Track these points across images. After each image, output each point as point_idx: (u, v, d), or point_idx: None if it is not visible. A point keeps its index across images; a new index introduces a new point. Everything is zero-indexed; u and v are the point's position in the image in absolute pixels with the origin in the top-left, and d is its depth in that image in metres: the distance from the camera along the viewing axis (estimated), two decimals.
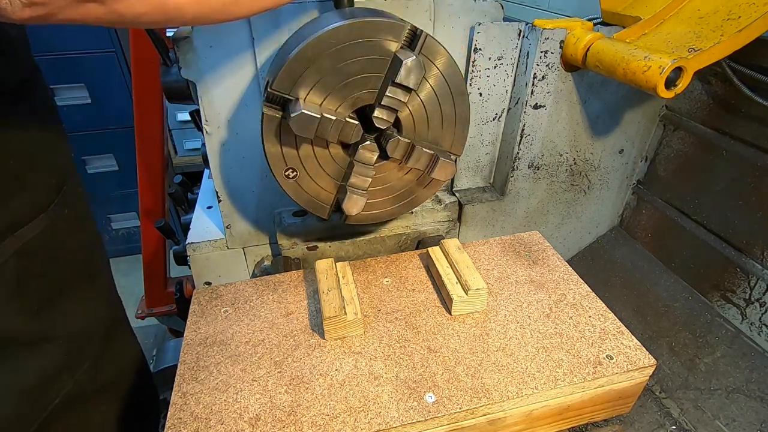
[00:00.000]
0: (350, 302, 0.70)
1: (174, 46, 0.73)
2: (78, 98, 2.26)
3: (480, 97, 0.92)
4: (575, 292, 0.77)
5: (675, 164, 1.07)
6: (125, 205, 2.65)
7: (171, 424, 0.58)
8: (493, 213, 1.04)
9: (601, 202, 1.16)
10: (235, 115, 0.81)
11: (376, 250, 0.96)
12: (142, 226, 1.60)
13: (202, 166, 1.28)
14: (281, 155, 0.69)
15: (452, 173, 0.74)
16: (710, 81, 0.97)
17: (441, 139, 0.74)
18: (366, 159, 0.71)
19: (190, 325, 0.72)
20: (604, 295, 0.81)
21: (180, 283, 1.50)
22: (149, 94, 1.36)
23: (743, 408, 0.84)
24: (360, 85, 0.65)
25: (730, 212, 0.96)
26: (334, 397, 0.61)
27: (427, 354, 0.67)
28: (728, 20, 0.73)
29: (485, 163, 1.03)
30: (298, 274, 0.82)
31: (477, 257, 0.85)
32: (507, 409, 0.62)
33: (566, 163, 1.04)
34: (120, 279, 3.13)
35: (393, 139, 0.69)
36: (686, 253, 1.05)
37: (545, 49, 0.85)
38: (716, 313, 0.98)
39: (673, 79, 0.69)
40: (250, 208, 0.94)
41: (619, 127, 1.03)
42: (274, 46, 0.75)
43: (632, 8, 0.87)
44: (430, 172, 0.73)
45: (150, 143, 1.46)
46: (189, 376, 0.64)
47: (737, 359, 0.90)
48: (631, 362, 0.65)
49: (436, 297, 0.77)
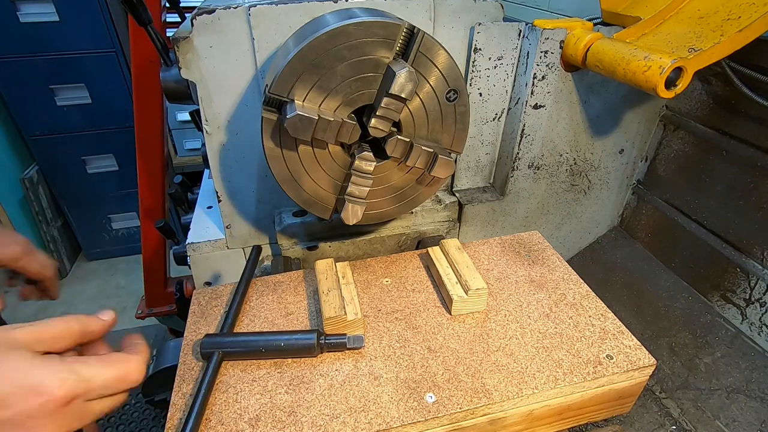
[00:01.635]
0: (350, 302, 0.70)
1: (174, 46, 0.73)
2: (78, 98, 2.26)
3: (480, 97, 0.92)
4: (575, 292, 0.77)
5: (675, 164, 1.07)
6: (125, 205, 2.65)
7: (171, 424, 0.58)
8: (493, 213, 1.04)
9: (601, 202, 1.16)
10: (234, 115, 0.81)
11: (376, 250, 0.96)
12: (142, 226, 1.60)
13: (202, 166, 1.28)
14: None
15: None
16: (710, 81, 0.97)
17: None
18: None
19: (190, 325, 0.72)
20: (604, 295, 0.81)
21: (180, 283, 1.50)
22: (149, 94, 1.36)
23: (743, 408, 0.84)
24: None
25: (730, 212, 0.96)
26: (334, 398, 0.61)
27: (427, 354, 0.67)
28: (728, 20, 0.73)
29: (485, 163, 1.03)
30: (298, 274, 0.82)
31: (477, 257, 0.85)
32: (507, 409, 0.62)
33: (566, 163, 1.04)
34: (120, 279, 3.12)
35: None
36: (686, 253, 1.05)
37: (545, 49, 0.85)
38: (716, 313, 0.98)
39: (673, 79, 0.69)
40: (250, 208, 0.94)
41: (619, 127, 1.03)
42: (274, 46, 0.75)
43: (632, 8, 0.87)
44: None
45: (150, 143, 1.46)
46: (189, 377, 0.64)
47: (737, 359, 0.90)
48: (631, 362, 0.65)
49: (436, 297, 0.77)
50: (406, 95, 0.63)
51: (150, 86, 1.35)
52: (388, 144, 0.70)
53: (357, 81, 0.65)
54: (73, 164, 2.43)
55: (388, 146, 0.70)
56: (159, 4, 1.25)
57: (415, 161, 0.72)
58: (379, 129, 0.67)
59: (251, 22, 0.72)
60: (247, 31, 0.74)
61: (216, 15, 0.71)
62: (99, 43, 2.18)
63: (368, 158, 0.71)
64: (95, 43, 2.17)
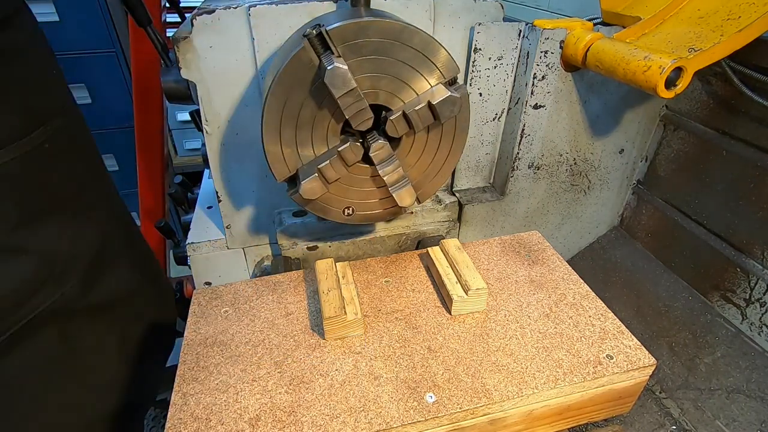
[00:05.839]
0: (350, 302, 0.70)
1: (174, 46, 0.73)
2: (78, 98, 2.26)
3: (480, 97, 0.92)
4: (575, 292, 0.77)
5: (675, 164, 1.07)
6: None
7: (171, 424, 0.58)
8: (493, 213, 1.04)
9: (601, 202, 1.16)
10: (234, 115, 0.81)
11: (376, 250, 0.96)
12: (142, 226, 1.60)
13: (202, 166, 1.28)
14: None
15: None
16: (710, 81, 0.97)
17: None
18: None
19: (190, 325, 0.72)
20: (604, 295, 0.81)
21: (180, 283, 1.50)
22: (149, 94, 1.36)
23: (743, 408, 0.84)
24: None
25: (730, 212, 0.96)
26: (334, 397, 0.61)
27: (427, 354, 0.67)
28: (728, 20, 0.73)
29: (485, 163, 1.03)
30: (298, 274, 0.82)
31: (477, 257, 0.85)
32: (507, 409, 0.62)
33: (566, 163, 1.04)
34: None
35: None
36: (686, 253, 1.05)
37: (545, 49, 0.85)
38: (716, 313, 0.98)
39: (673, 79, 0.69)
40: (250, 208, 0.93)
41: (619, 127, 1.03)
42: (274, 46, 0.75)
43: (632, 8, 0.87)
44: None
45: (150, 143, 1.46)
46: (189, 377, 0.64)
47: (737, 359, 0.90)
48: (631, 362, 0.65)
49: (436, 297, 0.77)
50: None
51: (150, 86, 1.35)
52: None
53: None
54: None
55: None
56: (159, 4, 1.26)
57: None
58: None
59: (251, 22, 0.72)
60: (247, 31, 0.74)
61: (216, 15, 0.71)
62: (99, 43, 2.17)
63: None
64: (95, 43, 2.17)
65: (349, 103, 0.62)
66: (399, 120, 0.66)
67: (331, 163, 0.67)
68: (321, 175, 0.67)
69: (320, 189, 0.68)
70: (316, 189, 0.68)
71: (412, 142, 0.72)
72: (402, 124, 0.66)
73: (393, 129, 0.67)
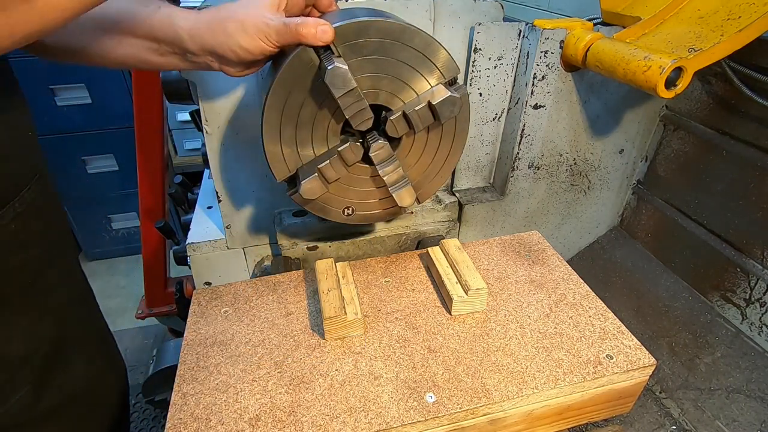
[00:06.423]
0: (350, 302, 0.70)
1: None
2: (78, 98, 2.26)
3: (480, 97, 0.92)
4: (575, 292, 0.77)
5: (675, 164, 1.07)
6: (125, 205, 2.65)
7: (171, 424, 0.58)
8: (493, 213, 1.04)
9: (601, 202, 1.16)
10: (234, 115, 0.81)
11: (376, 250, 0.96)
12: (142, 226, 1.60)
13: (202, 166, 1.28)
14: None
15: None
16: (710, 81, 0.97)
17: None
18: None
19: (190, 325, 0.72)
20: (604, 295, 0.81)
21: (180, 283, 1.50)
22: (149, 94, 1.36)
23: (743, 408, 0.84)
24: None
25: (730, 212, 0.96)
26: (334, 397, 0.61)
27: (427, 354, 0.67)
28: (728, 20, 0.73)
29: (485, 163, 1.03)
30: (298, 274, 0.82)
31: (477, 257, 0.85)
32: (507, 409, 0.62)
33: (566, 163, 1.04)
34: (120, 279, 3.12)
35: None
36: (686, 253, 1.05)
37: (545, 49, 0.85)
38: (716, 313, 0.98)
39: (673, 79, 0.69)
40: (250, 208, 0.93)
41: (619, 127, 1.03)
42: None
43: (632, 8, 0.87)
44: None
45: (150, 143, 1.46)
46: (189, 377, 0.64)
47: (737, 359, 0.90)
48: (631, 362, 0.65)
49: (436, 297, 0.77)
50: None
51: (150, 86, 1.35)
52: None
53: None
54: (73, 164, 2.43)
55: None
56: None
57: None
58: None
59: None
60: None
61: None
62: None
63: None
64: None
65: (350, 103, 0.61)
66: (399, 120, 0.66)
67: (331, 163, 0.67)
68: (321, 175, 0.67)
69: (320, 189, 0.68)
70: (316, 189, 0.68)
71: (412, 143, 0.72)
72: (402, 124, 0.66)
73: (393, 129, 0.67)
